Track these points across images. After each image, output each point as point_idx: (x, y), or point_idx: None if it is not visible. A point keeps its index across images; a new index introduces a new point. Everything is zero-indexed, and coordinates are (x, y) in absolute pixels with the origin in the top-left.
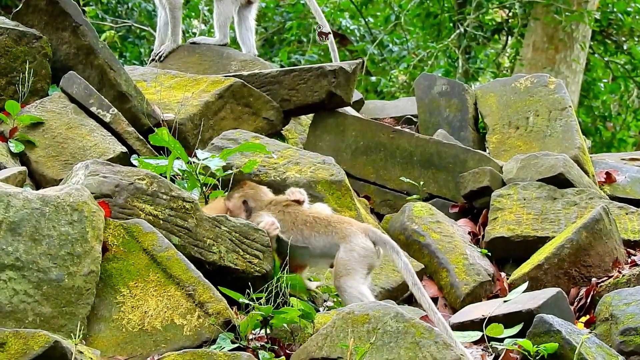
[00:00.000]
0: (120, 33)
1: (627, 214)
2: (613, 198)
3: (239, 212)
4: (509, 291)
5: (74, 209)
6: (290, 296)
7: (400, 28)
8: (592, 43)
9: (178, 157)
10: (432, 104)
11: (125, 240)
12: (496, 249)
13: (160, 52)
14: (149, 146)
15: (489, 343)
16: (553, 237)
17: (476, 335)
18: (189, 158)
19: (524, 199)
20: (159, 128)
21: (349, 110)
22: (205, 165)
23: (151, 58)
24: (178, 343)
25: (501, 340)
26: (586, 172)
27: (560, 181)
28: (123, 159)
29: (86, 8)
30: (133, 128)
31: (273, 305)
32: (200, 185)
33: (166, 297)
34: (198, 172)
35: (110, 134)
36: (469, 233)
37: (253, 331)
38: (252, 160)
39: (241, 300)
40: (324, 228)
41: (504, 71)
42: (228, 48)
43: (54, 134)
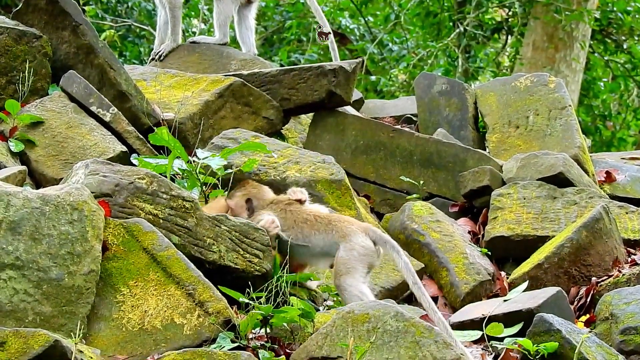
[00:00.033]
0: (120, 32)
1: (627, 213)
2: (613, 197)
3: (241, 211)
4: (509, 290)
5: (74, 208)
6: (290, 295)
7: (400, 27)
8: (592, 42)
9: (178, 157)
10: (432, 103)
11: (125, 239)
12: (496, 248)
13: (160, 52)
14: (149, 145)
15: (489, 342)
16: (553, 237)
17: (476, 334)
18: (189, 157)
19: (524, 198)
20: (159, 127)
21: (349, 109)
22: (205, 164)
23: (151, 57)
24: (178, 342)
25: (501, 339)
26: (586, 172)
27: (560, 180)
28: (123, 158)
29: (86, 7)
30: (133, 127)
31: (273, 304)
32: (200, 184)
33: (166, 297)
34: (198, 172)
35: (110, 133)
36: (469, 232)
37: (253, 330)
38: (252, 159)
39: (241, 299)
40: (325, 227)
41: (504, 70)
42: (228, 47)
43: (54, 133)
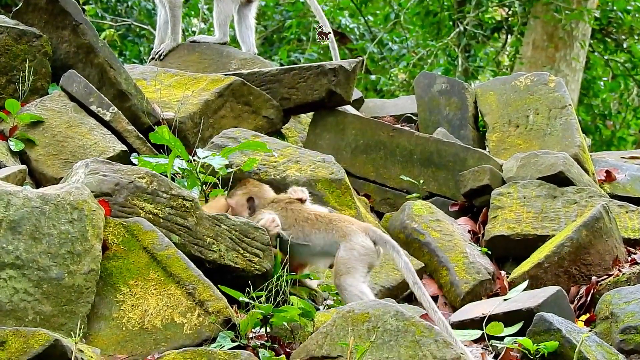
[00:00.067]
0: (119, 32)
1: (627, 213)
2: (613, 196)
3: (242, 210)
4: (509, 290)
5: (74, 208)
6: (290, 295)
7: (399, 26)
8: (592, 41)
9: (178, 156)
10: (432, 103)
11: (125, 238)
12: (496, 248)
13: (160, 51)
14: (149, 145)
15: (489, 341)
16: (553, 236)
17: (476, 333)
18: (189, 156)
19: (524, 198)
20: (160, 126)
21: (349, 108)
22: (205, 163)
23: (151, 56)
24: (178, 341)
25: (501, 338)
26: (586, 171)
27: (560, 179)
28: (123, 158)
29: (86, 7)
30: (133, 126)
31: (273, 303)
32: (200, 183)
33: (166, 296)
34: (198, 171)
35: (110, 133)
36: (469, 231)
37: (253, 330)
38: (252, 158)
39: (241, 298)
40: (325, 226)
41: (504, 69)
42: (228, 46)
43: (54, 133)
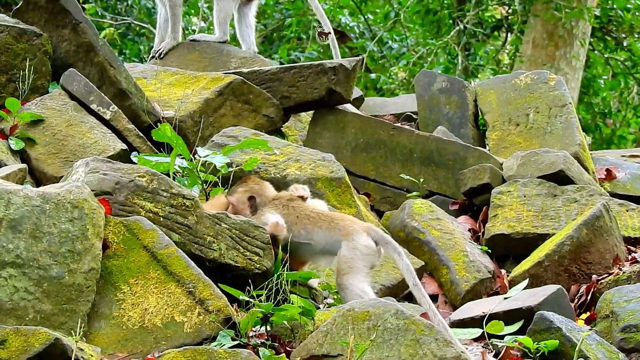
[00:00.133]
0: (119, 30)
1: (628, 211)
2: (613, 195)
3: (243, 208)
4: (509, 288)
5: (75, 207)
6: (290, 293)
7: (399, 25)
8: (592, 40)
9: (179, 154)
10: (432, 101)
11: (125, 237)
12: (496, 246)
13: (160, 50)
14: (149, 143)
15: (489, 340)
16: (553, 234)
17: (476, 332)
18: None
19: (524, 196)
20: (162, 124)
21: (349, 107)
22: (205, 162)
23: (151, 55)
24: (178, 340)
25: (501, 337)
26: (586, 169)
27: (560, 178)
28: (123, 157)
29: (86, 5)
30: (133, 125)
31: (273, 302)
32: (201, 182)
33: (166, 295)
34: (199, 170)
35: (110, 132)
36: (469, 230)
37: (253, 328)
38: (253, 157)
39: (241, 297)
40: (328, 224)
41: (504, 68)
42: (228, 45)
43: (54, 132)
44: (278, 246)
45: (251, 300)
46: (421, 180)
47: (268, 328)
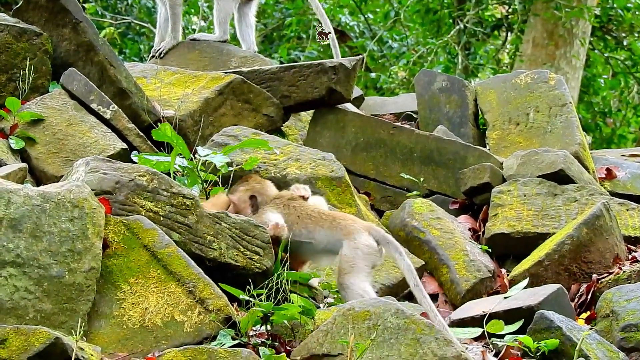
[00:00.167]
0: (119, 30)
1: (628, 210)
2: (613, 194)
3: (245, 206)
4: (510, 287)
5: (75, 206)
6: (290, 293)
7: (399, 24)
8: (592, 39)
9: (180, 153)
10: (432, 100)
11: (125, 236)
12: (496, 246)
13: (160, 49)
14: (149, 143)
15: (490, 339)
16: (553, 234)
17: (477, 331)
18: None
19: (525, 195)
20: (162, 123)
21: (349, 106)
22: (205, 161)
23: (151, 55)
24: (179, 339)
25: (502, 336)
26: (586, 168)
27: (560, 177)
28: (123, 156)
29: (86, 5)
30: (133, 125)
31: (273, 301)
32: (201, 181)
33: (167, 294)
34: (199, 169)
35: (110, 131)
36: (469, 229)
37: (253, 328)
38: (254, 157)
39: (242, 296)
40: (329, 223)
41: (504, 67)
42: (228, 44)
43: (55, 131)
44: (279, 245)
45: (251, 299)
46: (421, 179)
47: (268, 327)
